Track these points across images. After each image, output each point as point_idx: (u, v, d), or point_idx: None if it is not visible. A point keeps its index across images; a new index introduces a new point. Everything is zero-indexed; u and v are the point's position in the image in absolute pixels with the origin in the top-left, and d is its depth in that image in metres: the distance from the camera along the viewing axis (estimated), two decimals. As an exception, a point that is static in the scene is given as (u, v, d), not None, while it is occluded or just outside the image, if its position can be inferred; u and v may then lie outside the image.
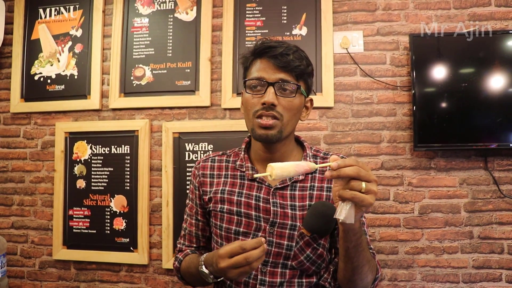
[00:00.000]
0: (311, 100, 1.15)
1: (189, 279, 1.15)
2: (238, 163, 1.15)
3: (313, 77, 1.14)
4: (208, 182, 1.16)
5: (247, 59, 1.10)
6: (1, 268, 1.80)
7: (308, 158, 1.13)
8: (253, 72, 1.06)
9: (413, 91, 1.82)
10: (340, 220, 0.77)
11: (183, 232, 1.25)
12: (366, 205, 0.76)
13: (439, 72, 1.83)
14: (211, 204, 1.13)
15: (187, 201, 1.25)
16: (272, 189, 1.07)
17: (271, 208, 1.06)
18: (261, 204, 1.07)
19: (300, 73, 1.04)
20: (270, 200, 1.06)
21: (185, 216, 1.25)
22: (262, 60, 1.05)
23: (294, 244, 1.04)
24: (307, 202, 1.07)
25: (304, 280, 1.06)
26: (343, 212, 0.76)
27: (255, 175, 0.91)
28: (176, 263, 1.19)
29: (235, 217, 1.09)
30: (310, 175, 1.11)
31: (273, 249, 1.05)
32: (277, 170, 0.78)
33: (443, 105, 1.83)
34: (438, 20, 1.92)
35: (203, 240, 1.23)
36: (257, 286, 1.05)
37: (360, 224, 0.87)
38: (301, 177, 1.09)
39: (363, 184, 0.75)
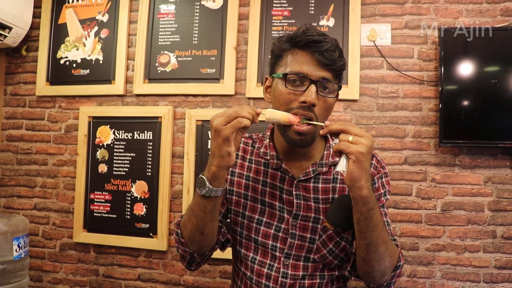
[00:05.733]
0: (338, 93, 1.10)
1: (190, 225, 0.98)
2: (262, 150, 1.11)
3: None
4: None
5: (282, 47, 1.00)
6: (24, 248, 1.83)
7: (331, 149, 1.10)
8: (292, 65, 0.97)
9: (440, 86, 1.79)
10: (334, 171, 0.90)
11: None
12: (352, 152, 0.81)
13: (467, 68, 1.80)
14: (234, 188, 1.10)
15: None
16: (295, 181, 1.05)
17: (294, 200, 1.04)
18: (284, 195, 1.05)
19: (340, 71, 1.00)
20: (293, 192, 1.04)
21: None
22: (304, 53, 0.96)
23: (317, 237, 1.03)
24: (330, 195, 1.05)
25: (326, 274, 1.05)
26: (338, 164, 0.85)
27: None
28: (179, 219, 1.05)
29: (259, 206, 1.07)
30: (333, 167, 1.07)
31: (295, 241, 1.03)
32: (267, 114, 0.91)
33: (471, 101, 1.79)
34: (469, 14, 1.88)
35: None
36: (279, 279, 1.03)
37: (369, 194, 0.84)
38: (324, 169, 1.06)
39: (350, 137, 0.82)
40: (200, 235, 0.98)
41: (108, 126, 2.08)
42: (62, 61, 2.15)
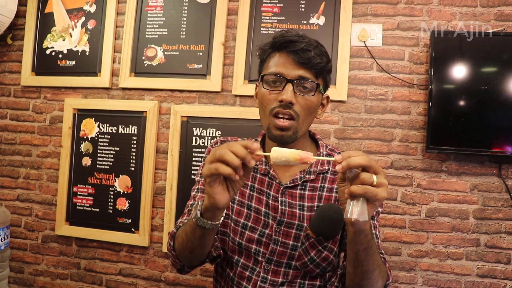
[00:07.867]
0: (328, 97, 1.12)
1: (180, 240, 0.97)
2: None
3: (331, 73, 1.09)
4: None
5: (264, 51, 1.06)
6: (5, 239, 1.82)
7: (321, 156, 1.10)
8: (271, 67, 1.02)
9: (430, 90, 1.75)
10: (353, 219, 0.72)
11: (186, 210, 1.12)
12: (380, 199, 0.71)
13: (458, 72, 1.76)
14: None
15: (197, 179, 1.16)
16: (282, 188, 1.05)
17: (279, 206, 1.04)
18: (270, 201, 1.05)
19: (320, 70, 1.01)
20: (279, 198, 1.05)
21: (192, 193, 1.15)
22: (281, 54, 1.01)
23: (299, 244, 1.02)
24: (316, 203, 1.05)
25: (306, 282, 1.05)
26: (355, 210, 0.72)
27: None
28: (174, 229, 1.05)
29: (245, 210, 1.07)
30: (321, 175, 1.08)
31: (278, 248, 1.03)
32: (273, 153, 0.78)
33: (460, 107, 1.75)
34: (462, 18, 1.83)
35: None
36: (258, 283, 1.03)
37: (370, 225, 0.82)
38: (312, 177, 1.06)
39: (374, 177, 0.71)
40: (189, 254, 0.97)
41: (93, 119, 2.05)
42: (48, 51, 2.11)
